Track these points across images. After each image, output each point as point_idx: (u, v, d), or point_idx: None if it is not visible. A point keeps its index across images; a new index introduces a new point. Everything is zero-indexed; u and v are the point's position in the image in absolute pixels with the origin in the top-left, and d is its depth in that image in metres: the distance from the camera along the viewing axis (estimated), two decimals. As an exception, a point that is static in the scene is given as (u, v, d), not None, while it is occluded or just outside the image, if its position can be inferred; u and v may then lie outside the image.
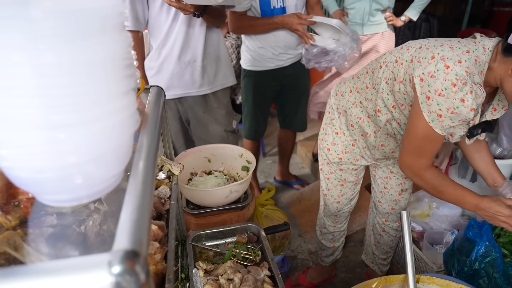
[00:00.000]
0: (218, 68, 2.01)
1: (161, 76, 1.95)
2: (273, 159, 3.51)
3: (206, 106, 2.01)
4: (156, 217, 1.01)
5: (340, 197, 1.72)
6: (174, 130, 2.15)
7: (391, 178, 1.70)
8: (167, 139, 1.19)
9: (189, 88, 1.95)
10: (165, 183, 1.17)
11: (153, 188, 0.63)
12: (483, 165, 1.52)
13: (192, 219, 1.47)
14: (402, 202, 1.76)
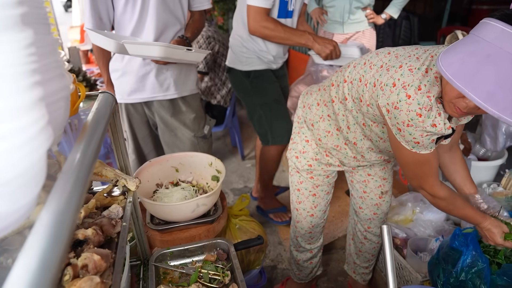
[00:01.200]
0: (188, 72, 1.88)
1: (126, 79, 1.81)
2: (253, 163, 3.40)
3: (174, 110, 1.88)
4: (104, 243, 0.88)
5: (313, 209, 1.62)
6: (142, 134, 2.02)
7: (369, 181, 1.61)
8: (121, 150, 1.06)
9: (156, 91, 1.82)
10: (119, 200, 1.04)
11: (73, 226, 0.51)
12: (458, 177, 1.48)
13: (157, 235, 1.34)
14: (383, 205, 1.68)
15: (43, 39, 0.59)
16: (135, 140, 1.99)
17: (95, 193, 1.05)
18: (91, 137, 0.74)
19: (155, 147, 2.07)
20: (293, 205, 1.67)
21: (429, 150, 1.13)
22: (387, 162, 1.54)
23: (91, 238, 0.84)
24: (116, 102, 1.00)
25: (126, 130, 1.97)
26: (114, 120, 1.01)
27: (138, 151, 2.02)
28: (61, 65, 0.68)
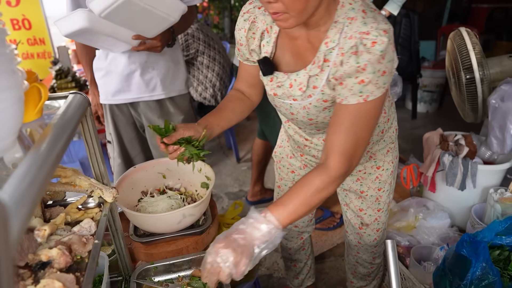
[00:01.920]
0: (176, 72, 1.77)
1: (110, 79, 1.70)
2: (248, 165, 3.29)
3: (161, 111, 1.77)
4: (73, 264, 0.77)
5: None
6: (129, 137, 1.90)
7: (348, 208, 1.47)
8: (96, 158, 0.95)
9: (142, 92, 1.71)
10: (94, 213, 0.93)
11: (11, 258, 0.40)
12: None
13: (141, 248, 1.24)
14: (365, 238, 1.49)
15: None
16: (120, 143, 1.87)
17: (68, 205, 0.94)
18: (53, 143, 0.63)
19: (143, 150, 1.95)
20: (276, 184, 1.61)
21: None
22: (360, 192, 1.37)
23: (55, 259, 0.74)
24: (89, 104, 0.89)
25: (111, 133, 1.86)
26: (87, 124, 0.91)
27: (124, 154, 1.90)
28: (10, 60, 0.58)
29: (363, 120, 0.94)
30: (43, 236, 0.76)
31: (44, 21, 3.90)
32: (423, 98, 4.05)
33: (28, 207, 0.49)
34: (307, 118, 1.08)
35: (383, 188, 1.36)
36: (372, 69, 0.88)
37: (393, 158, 1.36)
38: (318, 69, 0.97)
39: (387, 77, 0.90)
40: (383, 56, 0.87)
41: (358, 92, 0.91)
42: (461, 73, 1.92)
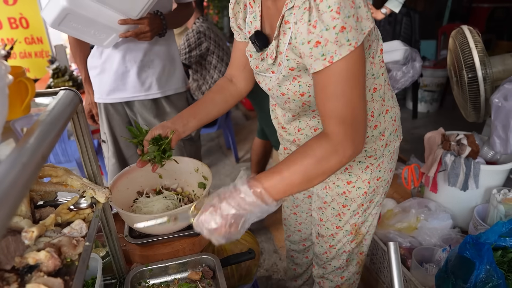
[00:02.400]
0: (172, 70, 1.74)
1: (105, 77, 1.67)
2: (247, 166, 3.26)
3: (157, 110, 1.74)
4: (62, 267, 0.74)
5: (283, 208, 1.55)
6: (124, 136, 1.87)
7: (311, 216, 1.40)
8: (88, 156, 0.92)
9: (137, 91, 1.68)
10: (86, 214, 0.90)
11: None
12: None
13: (136, 249, 1.20)
14: (316, 248, 1.37)
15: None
16: (115, 142, 1.84)
17: (59, 206, 0.91)
18: (39, 140, 0.60)
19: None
20: None
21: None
22: (323, 202, 1.25)
23: (44, 262, 0.70)
24: (81, 100, 0.86)
25: (106, 132, 1.83)
26: (79, 121, 0.87)
27: (119, 154, 1.87)
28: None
29: (342, 83, 0.83)
30: (30, 238, 0.73)
31: (41, 20, 3.87)
32: (424, 97, 4.02)
33: (7, 208, 0.46)
34: (280, 92, 1.01)
35: (348, 206, 1.20)
36: (324, 26, 0.79)
37: (371, 179, 1.15)
38: (277, 30, 0.92)
39: (351, 33, 0.79)
40: (336, 11, 0.77)
41: (319, 56, 0.81)
42: (463, 72, 1.89)
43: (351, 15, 0.79)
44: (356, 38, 0.80)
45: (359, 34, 0.81)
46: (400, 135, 1.20)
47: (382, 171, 1.17)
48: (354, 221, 1.24)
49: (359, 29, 0.81)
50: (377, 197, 1.23)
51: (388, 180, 1.23)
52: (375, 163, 1.14)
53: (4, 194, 0.46)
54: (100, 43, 1.54)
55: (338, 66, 0.81)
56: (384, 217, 1.99)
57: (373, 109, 1.05)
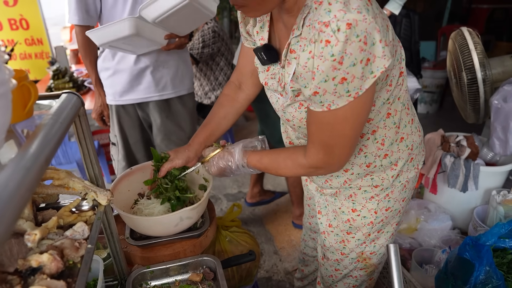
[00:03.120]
0: (185, 70, 1.76)
1: (118, 78, 1.70)
2: (248, 167, 3.26)
3: (169, 111, 1.76)
4: (65, 269, 0.74)
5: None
6: (134, 139, 1.89)
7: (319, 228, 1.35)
8: (90, 159, 0.93)
9: (151, 91, 1.70)
10: (88, 216, 0.90)
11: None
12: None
13: (137, 251, 1.21)
14: (322, 270, 1.33)
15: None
16: (126, 145, 1.86)
17: (61, 208, 0.91)
18: (42, 144, 0.61)
19: (147, 153, 1.93)
20: None
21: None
22: (328, 226, 1.21)
23: (46, 265, 0.71)
24: (83, 104, 0.86)
25: (116, 135, 1.84)
26: (81, 124, 0.88)
27: (129, 157, 1.88)
28: (-4, 57, 0.55)
29: (329, 128, 0.84)
30: (33, 241, 0.73)
31: (42, 21, 3.87)
32: (423, 98, 4.02)
33: (13, 212, 0.46)
34: (285, 118, 1.01)
35: (353, 234, 1.15)
36: (323, 77, 0.74)
37: (378, 209, 1.09)
38: (284, 60, 0.88)
39: (351, 83, 0.74)
40: (339, 61, 0.71)
41: (318, 102, 0.80)
42: (463, 73, 1.90)
43: (357, 61, 0.72)
44: (358, 87, 0.76)
45: (365, 81, 0.75)
46: (418, 164, 1.11)
47: (392, 201, 1.09)
48: (361, 250, 1.18)
49: (366, 75, 0.75)
50: (387, 227, 1.16)
51: (400, 210, 1.14)
52: (381, 193, 1.07)
53: (9, 198, 0.46)
54: (136, 52, 1.61)
55: (331, 114, 0.81)
56: (384, 218, 1.99)
57: (384, 137, 0.98)
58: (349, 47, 0.70)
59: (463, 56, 1.91)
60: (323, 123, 0.84)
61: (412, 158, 1.06)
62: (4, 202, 0.45)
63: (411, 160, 1.06)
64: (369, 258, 1.20)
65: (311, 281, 1.73)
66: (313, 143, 0.90)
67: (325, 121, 0.84)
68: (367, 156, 1.00)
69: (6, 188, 0.47)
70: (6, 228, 0.44)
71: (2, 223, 0.43)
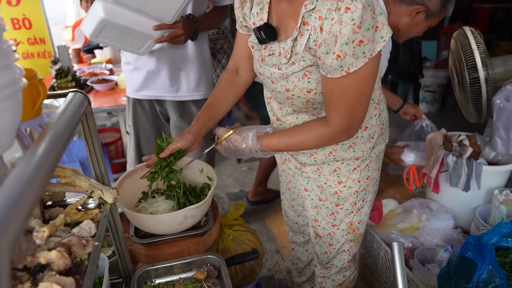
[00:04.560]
0: (202, 75, 1.77)
1: (136, 74, 1.74)
2: (249, 166, 3.27)
3: (184, 112, 1.79)
4: (73, 266, 0.75)
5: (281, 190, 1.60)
6: (146, 134, 1.92)
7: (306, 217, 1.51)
8: (96, 157, 0.94)
9: (166, 91, 1.73)
10: (94, 214, 0.91)
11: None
12: None
13: (142, 249, 1.22)
14: (317, 248, 1.44)
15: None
16: (137, 138, 1.91)
17: (67, 206, 0.92)
18: (51, 143, 0.62)
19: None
20: None
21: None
22: (318, 200, 1.31)
23: (55, 261, 0.72)
24: (89, 102, 0.87)
25: (130, 125, 1.89)
26: (87, 123, 0.89)
27: (138, 149, 1.94)
28: (7, 56, 0.56)
29: (353, 90, 0.94)
30: (42, 238, 0.74)
31: (44, 21, 3.88)
32: (425, 98, 4.03)
33: (24, 211, 0.47)
34: (284, 88, 1.07)
35: (341, 205, 1.28)
36: (345, 40, 0.85)
37: (361, 178, 1.23)
38: (297, 32, 0.95)
39: (367, 46, 0.86)
40: (358, 25, 0.83)
41: (338, 67, 0.89)
42: (465, 73, 1.90)
43: (370, 27, 0.85)
44: (372, 49, 0.87)
45: (376, 44, 0.88)
46: (386, 138, 1.28)
47: (370, 170, 1.25)
48: (349, 220, 1.31)
49: (376, 39, 0.87)
50: (369, 196, 1.31)
51: (376, 178, 1.31)
52: (362, 164, 1.22)
53: (22, 196, 0.47)
54: (137, 51, 1.58)
55: (351, 76, 0.91)
56: (386, 218, 2.00)
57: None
58: (365, 13, 0.82)
59: (465, 55, 1.91)
60: (346, 86, 0.93)
61: (382, 133, 1.23)
62: (16, 200, 0.46)
63: (381, 134, 1.23)
64: (357, 228, 1.34)
65: (308, 277, 1.75)
66: (337, 109, 0.98)
67: (348, 84, 0.93)
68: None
69: (17, 186, 0.48)
70: (20, 225, 0.45)
71: (16, 220, 0.44)
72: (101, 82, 3.12)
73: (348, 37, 0.84)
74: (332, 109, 0.99)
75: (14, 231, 0.43)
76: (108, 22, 1.36)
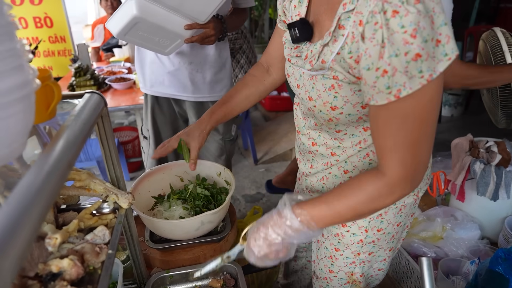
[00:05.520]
0: (220, 77, 1.75)
1: (156, 70, 1.72)
2: (266, 167, 3.22)
3: (202, 113, 1.77)
4: (85, 275, 0.72)
5: None
6: (166, 135, 1.90)
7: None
8: (112, 160, 0.91)
9: (183, 91, 1.70)
10: (109, 219, 0.88)
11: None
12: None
13: (157, 254, 1.19)
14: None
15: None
16: (157, 141, 1.87)
17: (81, 210, 0.89)
18: (66, 143, 0.59)
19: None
20: None
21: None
22: (321, 235, 1.12)
23: (67, 270, 0.69)
24: (105, 104, 0.84)
25: (149, 129, 1.86)
26: (103, 125, 0.86)
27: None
28: (20, 56, 0.53)
29: (409, 121, 0.69)
30: (54, 245, 0.71)
31: (65, 19, 3.92)
32: (448, 101, 3.91)
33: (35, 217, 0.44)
34: (307, 96, 0.88)
35: (341, 251, 1.09)
36: (393, 51, 0.64)
37: (369, 227, 1.03)
38: (329, 37, 0.77)
39: (426, 62, 0.63)
40: (411, 33, 0.61)
41: (384, 88, 0.67)
42: (495, 76, 1.81)
43: (429, 38, 0.63)
44: (432, 69, 0.64)
45: (438, 62, 0.65)
46: (418, 191, 1.05)
47: (384, 222, 1.03)
48: (350, 270, 1.11)
49: (438, 56, 0.65)
50: (379, 251, 1.09)
51: (393, 234, 1.08)
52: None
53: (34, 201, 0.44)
54: (163, 51, 1.54)
55: (405, 102, 0.67)
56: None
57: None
58: (422, 19, 0.62)
59: (495, 57, 1.82)
60: (392, 120, 0.71)
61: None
62: (29, 205, 0.43)
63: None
64: (359, 281, 1.13)
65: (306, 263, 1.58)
66: (393, 150, 0.73)
67: (395, 116, 0.70)
68: (371, 164, 0.96)
69: (30, 191, 0.45)
70: (31, 232, 0.42)
71: (28, 226, 0.41)
72: (119, 81, 3.12)
73: (399, 47, 0.63)
74: (386, 150, 0.75)
75: (27, 238, 0.40)
76: (140, 19, 1.31)
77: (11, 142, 0.53)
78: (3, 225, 0.39)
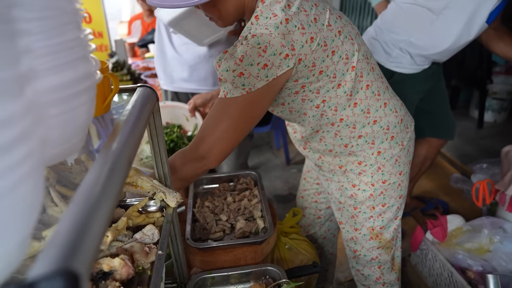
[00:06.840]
0: None
1: (176, 66, 1.71)
2: (299, 168, 3.16)
3: None
4: (134, 276, 0.70)
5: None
6: None
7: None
8: (161, 157, 0.88)
9: (204, 83, 1.70)
10: (156, 218, 0.86)
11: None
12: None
13: (197, 253, 1.16)
14: (348, 251, 1.42)
15: (54, 5, 0.41)
16: None
17: (128, 207, 0.88)
18: (125, 140, 0.56)
19: None
20: None
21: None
22: (339, 202, 1.31)
23: (118, 270, 0.67)
24: (157, 98, 0.82)
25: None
26: (154, 121, 0.84)
27: None
28: (85, 46, 0.50)
29: (218, 112, 0.98)
30: (105, 243, 0.69)
31: (103, 15, 3.99)
32: (491, 106, 3.72)
33: (103, 217, 0.41)
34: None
35: (359, 208, 1.26)
36: (225, 67, 0.91)
37: (374, 181, 1.20)
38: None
39: (248, 80, 0.89)
40: (240, 58, 0.88)
41: (222, 88, 0.96)
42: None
43: (255, 63, 0.88)
44: (252, 85, 0.90)
45: (260, 81, 0.90)
46: (402, 141, 1.20)
47: (386, 174, 1.20)
48: (370, 225, 1.28)
49: (261, 76, 0.89)
50: (391, 200, 1.24)
51: (398, 183, 1.23)
52: (369, 169, 1.18)
53: (99, 203, 0.41)
54: (201, 42, 1.59)
55: (226, 101, 0.96)
56: (452, 235, 1.83)
57: (354, 122, 1.10)
58: (249, 50, 0.88)
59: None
60: (216, 107, 0.99)
61: (392, 137, 1.16)
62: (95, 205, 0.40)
63: (391, 139, 1.16)
64: (380, 233, 1.29)
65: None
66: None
67: (214, 106, 1.00)
68: (342, 138, 1.13)
69: (95, 191, 0.43)
70: (101, 233, 0.39)
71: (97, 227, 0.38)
72: (154, 77, 3.14)
73: (229, 66, 0.91)
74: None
75: (96, 243, 0.37)
76: (194, 13, 1.37)
77: (71, 136, 0.51)
78: (74, 226, 0.36)
